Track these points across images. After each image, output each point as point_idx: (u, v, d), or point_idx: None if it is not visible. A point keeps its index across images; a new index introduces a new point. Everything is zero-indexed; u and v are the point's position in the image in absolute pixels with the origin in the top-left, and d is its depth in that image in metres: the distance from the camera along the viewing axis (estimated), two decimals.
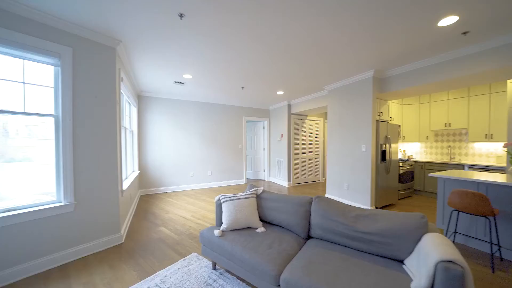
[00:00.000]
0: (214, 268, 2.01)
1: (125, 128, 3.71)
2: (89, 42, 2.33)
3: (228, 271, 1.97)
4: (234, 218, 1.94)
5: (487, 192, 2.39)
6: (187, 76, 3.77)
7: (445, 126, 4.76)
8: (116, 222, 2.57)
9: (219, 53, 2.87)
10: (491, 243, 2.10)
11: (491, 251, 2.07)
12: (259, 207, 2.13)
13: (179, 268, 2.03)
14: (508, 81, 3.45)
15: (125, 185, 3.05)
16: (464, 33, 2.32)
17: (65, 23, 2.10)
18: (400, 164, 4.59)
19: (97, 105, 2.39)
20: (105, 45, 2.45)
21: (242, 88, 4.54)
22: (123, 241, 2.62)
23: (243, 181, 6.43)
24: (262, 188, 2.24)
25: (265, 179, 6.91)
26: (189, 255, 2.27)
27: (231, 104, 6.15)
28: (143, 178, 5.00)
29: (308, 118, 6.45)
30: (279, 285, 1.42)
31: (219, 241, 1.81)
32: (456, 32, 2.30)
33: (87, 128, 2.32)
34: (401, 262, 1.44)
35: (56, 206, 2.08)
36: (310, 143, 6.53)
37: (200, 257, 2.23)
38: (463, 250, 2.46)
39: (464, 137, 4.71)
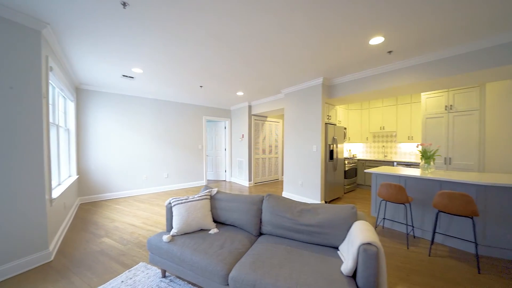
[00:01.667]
0: (164, 276, 1.91)
1: (58, 126, 3.17)
2: None
3: (179, 277, 1.89)
4: (185, 221, 1.88)
5: (406, 183, 2.92)
6: (137, 70, 3.46)
7: (380, 129, 5.60)
8: (43, 237, 2.18)
9: (173, 49, 2.73)
10: (407, 225, 2.58)
11: (407, 231, 2.54)
12: (213, 208, 2.12)
13: (122, 281, 1.85)
14: (422, 93, 4.29)
15: (57, 192, 2.61)
16: (389, 52, 2.78)
17: None
18: (346, 162, 5.19)
19: (14, 97, 1.98)
20: (25, 26, 2.05)
21: (201, 87, 4.41)
22: (52, 258, 2.24)
23: (203, 182, 6.25)
24: (216, 189, 2.23)
25: (226, 180, 6.86)
26: (136, 266, 2.09)
27: (190, 103, 5.91)
28: (84, 184, 4.36)
29: (268, 119, 6.69)
30: (228, 284, 1.45)
31: (168, 246, 1.72)
32: (383, 50, 2.74)
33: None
34: (337, 248, 1.64)
35: None
36: (270, 143, 6.79)
37: (149, 266, 2.08)
38: (389, 232, 2.94)
39: (394, 138, 5.63)
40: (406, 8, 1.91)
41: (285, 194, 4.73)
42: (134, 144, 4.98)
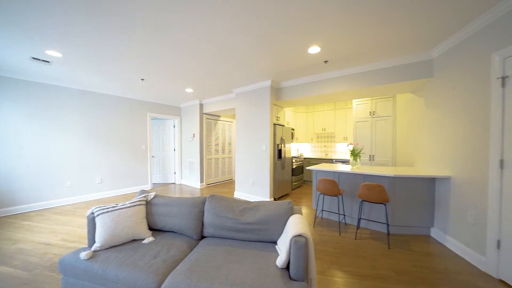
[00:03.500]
0: None
1: None
2: None
3: None
4: (111, 232, 1.62)
5: (339, 178, 3.32)
6: (54, 53, 2.83)
7: (322, 130, 6.25)
8: None
9: (102, 32, 2.33)
10: (339, 214, 2.94)
11: (339, 220, 2.89)
12: (149, 215, 1.91)
13: None
14: (353, 100, 5.00)
15: None
16: (325, 61, 3.12)
17: None
18: (293, 160, 5.58)
19: None
20: None
21: (142, 80, 3.96)
22: None
23: (148, 186, 5.65)
24: (154, 193, 2.02)
25: (176, 182, 6.40)
26: None
27: (130, 97, 5.23)
28: None
29: (221, 119, 6.57)
30: None
31: (87, 265, 1.45)
32: (320, 59, 3.05)
33: None
34: (275, 243, 1.72)
35: None
36: (223, 143, 6.69)
37: None
38: (327, 222, 3.29)
39: (333, 138, 6.37)
40: (335, 25, 2.15)
41: (237, 193, 4.73)
42: (56, 144, 4.08)
